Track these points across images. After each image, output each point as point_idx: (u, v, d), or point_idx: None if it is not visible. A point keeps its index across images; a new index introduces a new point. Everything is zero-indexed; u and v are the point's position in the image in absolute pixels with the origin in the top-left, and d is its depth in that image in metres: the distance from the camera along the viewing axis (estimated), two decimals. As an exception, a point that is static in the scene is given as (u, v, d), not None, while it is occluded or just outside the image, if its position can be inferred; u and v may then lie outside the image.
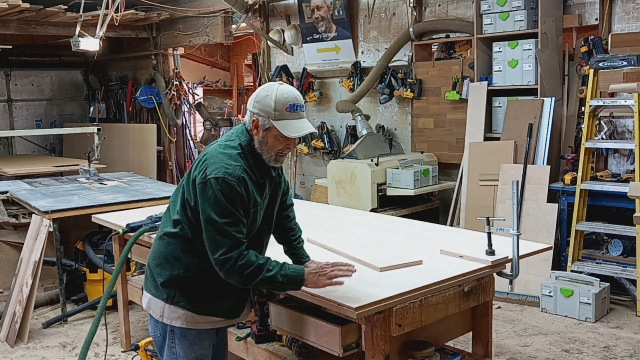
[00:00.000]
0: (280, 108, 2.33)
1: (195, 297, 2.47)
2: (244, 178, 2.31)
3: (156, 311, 2.53)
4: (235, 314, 2.59)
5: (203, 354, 2.56)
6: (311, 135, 7.61)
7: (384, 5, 6.85)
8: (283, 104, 2.34)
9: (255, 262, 2.30)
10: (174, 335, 2.52)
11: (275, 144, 2.38)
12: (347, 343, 2.53)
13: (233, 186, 2.27)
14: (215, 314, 2.51)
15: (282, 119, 2.34)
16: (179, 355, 2.54)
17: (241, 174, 2.31)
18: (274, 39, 7.74)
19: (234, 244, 2.28)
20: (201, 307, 2.48)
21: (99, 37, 6.66)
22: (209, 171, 2.30)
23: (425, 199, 6.25)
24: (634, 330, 4.48)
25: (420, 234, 3.50)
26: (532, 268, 4.83)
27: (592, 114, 5.07)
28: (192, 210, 2.38)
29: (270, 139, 2.37)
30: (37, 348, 4.46)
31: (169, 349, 2.56)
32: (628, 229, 4.85)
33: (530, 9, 5.47)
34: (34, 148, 11.16)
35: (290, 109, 2.34)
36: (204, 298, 2.48)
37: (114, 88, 11.01)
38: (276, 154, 2.41)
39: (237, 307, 2.58)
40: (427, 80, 6.47)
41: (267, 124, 2.36)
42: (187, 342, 2.52)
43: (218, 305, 2.50)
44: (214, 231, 2.28)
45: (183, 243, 2.44)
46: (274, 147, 2.39)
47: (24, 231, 5.06)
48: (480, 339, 3.08)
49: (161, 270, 2.49)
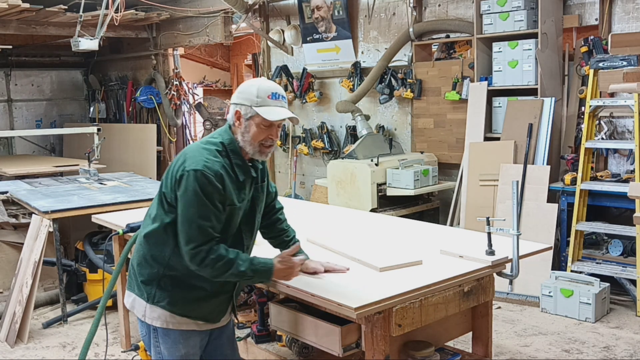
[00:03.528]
0: (262, 95, 2.37)
1: (174, 297, 2.45)
2: (221, 174, 2.31)
3: (140, 310, 2.53)
4: (215, 319, 2.54)
5: (189, 352, 2.51)
6: (311, 135, 7.63)
7: (384, 5, 6.85)
8: (265, 92, 2.38)
9: (226, 256, 2.31)
10: (157, 335, 2.52)
11: (257, 133, 2.38)
12: (347, 343, 2.53)
13: (210, 179, 2.27)
14: (194, 317, 2.47)
15: (264, 105, 2.36)
16: (164, 354, 2.53)
17: (219, 169, 2.31)
18: (274, 39, 7.74)
19: (206, 237, 2.29)
20: (180, 307, 2.45)
21: (99, 37, 6.66)
22: (187, 164, 2.31)
23: (425, 199, 6.26)
24: (634, 330, 4.48)
25: (420, 234, 3.50)
26: (532, 268, 4.82)
27: (592, 114, 5.07)
28: (169, 205, 2.38)
29: (253, 127, 2.37)
30: (37, 348, 4.46)
31: (154, 349, 2.56)
32: (628, 229, 4.85)
33: (530, 9, 5.47)
34: (34, 148, 11.16)
35: (273, 96, 2.38)
36: (184, 297, 2.45)
37: (114, 88, 11.01)
38: (260, 144, 2.40)
39: (219, 311, 2.53)
40: (427, 80, 6.47)
41: (250, 113, 2.38)
42: (171, 341, 2.50)
43: (197, 307, 2.46)
44: (187, 223, 2.29)
45: (161, 240, 2.42)
46: (257, 137, 2.38)
47: (24, 231, 5.06)
48: (480, 339, 3.08)
49: (141, 269, 2.49)
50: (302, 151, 7.69)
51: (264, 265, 2.38)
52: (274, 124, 2.39)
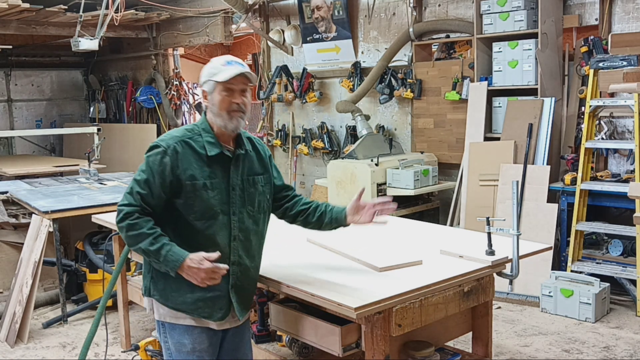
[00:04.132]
0: (217, 65, 2.45)
1: (165, 290, 2.47)
2: (175, 148, 2.40)
3: (148, 305, 2.60)
4: (211, 316, 2.48)
5: (195, 348, 2.50)
6: (311, 135, 7.63)
7: (384, 5, 6.85)
8: (220, 62, 2.46)
9: (142, 229, 2.34)
10: (165, 330, 2.55)
11: (221, 101, 2.43)
12: (347, 343, 2.53)
13: (158, 153, 2.39)
14: (186, 312, 2.46)
15: (220, 72, 2.43)
16: (172, 351, 2.54)
17: (174, 143, 2.41)
18: (274, 39, 7.74)
19: (134, 201, 2.37)
20: (171, 301, 2.47)
21: (99, 37, 6.66)
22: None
23: (425, 199, 6.26)
24: (634, 330, 4.48)
25: (420, 234, 3.50)
26: (532, 268, 4.83)
27: (592, 114, 5.07)
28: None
29: (216, 97, 2.44)
30: (37, 348, 4.46)
31: (163, 344, 2.59)
32: (628, 229, 4.85)
33: (530, 9, 5.47)
34: (34, 148, 11.17)
35: (227, 63, 2.45)
36: (172, 290, 2.46)
37: (114, 88, 11.02)
38: (227, 113, 2.44)
39: (213, 308, 2.47)
40: (427, 80, 6.47)
41: (210, 86, 2.45)
42: (177, 335, 2.51)
43: (185, 301, 2.45)
44: (129, 184, 2.43)
45: None
46: (222, 105, 2.44)
47: (24, 231, 5.06)
48: (480, 339, 3.08)
49: (143, 264, 2.58)
50: (302, 151, 7.69)
51: (174, 256, 2.32)
52: (234, 89, 2.43)
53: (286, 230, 2.98)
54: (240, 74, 2.42)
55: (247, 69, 2.47)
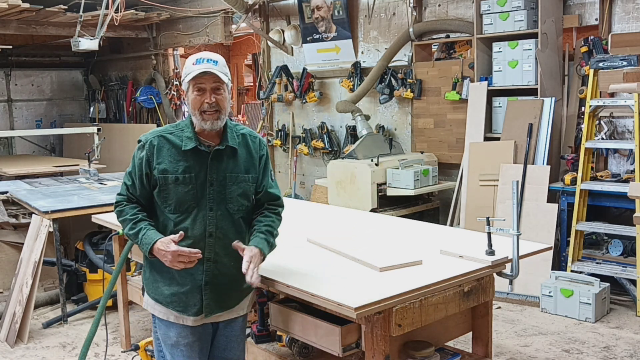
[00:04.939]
0: (189, 65, 2.47)
1: (147, 277, 2.58)
2: (151, 142, 2.49)
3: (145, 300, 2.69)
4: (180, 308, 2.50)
5: (179, 342, 2.53)
6: (311, 135, 7.63)
7: (384, 5, 6.85)
8: (192, 62, 2.47)
9: (126, 215, 2.51)
10: (155, 322, 2.62)
11: (194, 101, 2.45)
12: (347, 343, 2.53)
13: (138, 147, 2.53)
14: (161, 302, 2.53)
15: (190, 71, 2.44)
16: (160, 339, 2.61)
17: (152, 137, 2.51)
18: (274, 39, 7.74)
19: (122, 191, 2.56)
20: (150, 289, 2.57)
21: (99, 37, 6.66)
22: None
23: (425, 199, 6.26)
24: (634, 330, 4.48)
25: (420, 234, 3.50)
26: (532, 268, 4.82)
27: (592, 114, 5.07)
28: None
29: (190, 97, 2.47)
30: (37, 348, 4.46)
31: (154, 335, 2.66)
32: (628, 229, 4.85)
33: (530, 9, 5.47)
34: (34, 148, 11.17)
35: (197, 62, 2.46)
36: (154, 278, 2.55)
37: (114, 88, 11.02)
38: (200, 113, 2.45)
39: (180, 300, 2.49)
40: (427, 80, 6.47)
41: (185, 85, 2.49)
42: (164, 327, 2.57)
43: (161, 292, 2.52)
44: None
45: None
46: (195, 105, 2.45)
47: (24, 231, 5.06)
48: (480, 339, 3.08)
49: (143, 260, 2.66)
50: (302, 151, 7.69)
51: (147, 239, 2.43)
52: (205, 88, 2.43)
53: (286, 230, 2.98)
54: (205, 72, 2.40)
55: (216, 66, 2.43)
